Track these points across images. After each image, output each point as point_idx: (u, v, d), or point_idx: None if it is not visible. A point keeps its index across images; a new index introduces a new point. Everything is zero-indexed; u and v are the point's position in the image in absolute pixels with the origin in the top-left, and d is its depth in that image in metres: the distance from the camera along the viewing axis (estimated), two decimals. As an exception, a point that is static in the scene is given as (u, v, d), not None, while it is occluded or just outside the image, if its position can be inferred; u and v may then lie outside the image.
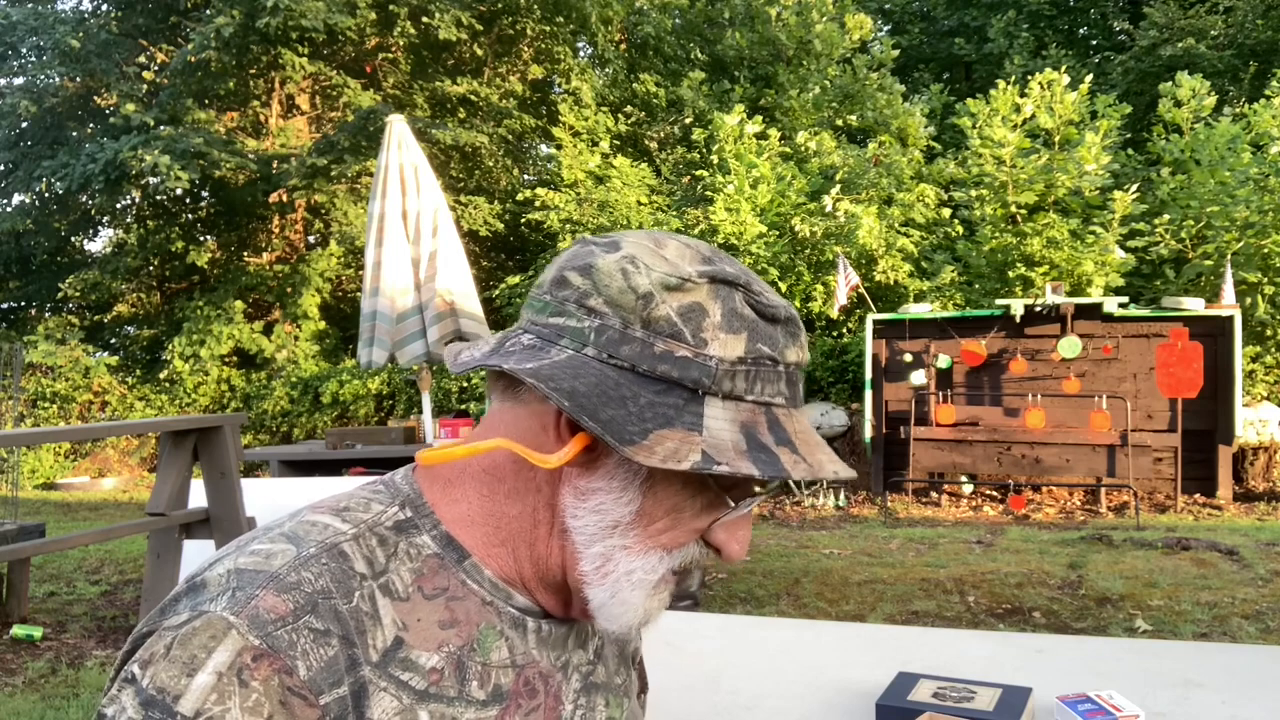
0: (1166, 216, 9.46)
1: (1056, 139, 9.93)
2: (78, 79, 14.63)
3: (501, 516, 0.72)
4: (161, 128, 12.66)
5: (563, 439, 0.69)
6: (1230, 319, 7.87)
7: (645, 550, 0.70)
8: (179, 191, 13.67)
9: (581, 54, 16.04)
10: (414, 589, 0.68)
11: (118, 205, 15.06)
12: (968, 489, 8.68)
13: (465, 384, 11.41)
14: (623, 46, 15.38)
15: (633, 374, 0.67)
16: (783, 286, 10.28)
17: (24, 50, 14.97)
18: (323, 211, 14.46)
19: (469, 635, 0.70)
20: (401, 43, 14.29)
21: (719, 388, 0.67)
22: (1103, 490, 8.06)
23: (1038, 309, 8.18)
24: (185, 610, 0.63)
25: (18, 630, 4.83)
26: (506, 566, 0.73)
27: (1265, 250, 8.77)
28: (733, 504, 0.71)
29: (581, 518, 0.70)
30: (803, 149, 11.72)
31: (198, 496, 4.30)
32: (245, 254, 15.11)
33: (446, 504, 0.73)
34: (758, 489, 0.72)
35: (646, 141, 14.43)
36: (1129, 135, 11.46)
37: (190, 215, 15.50)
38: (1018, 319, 8.24)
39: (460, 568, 0.71)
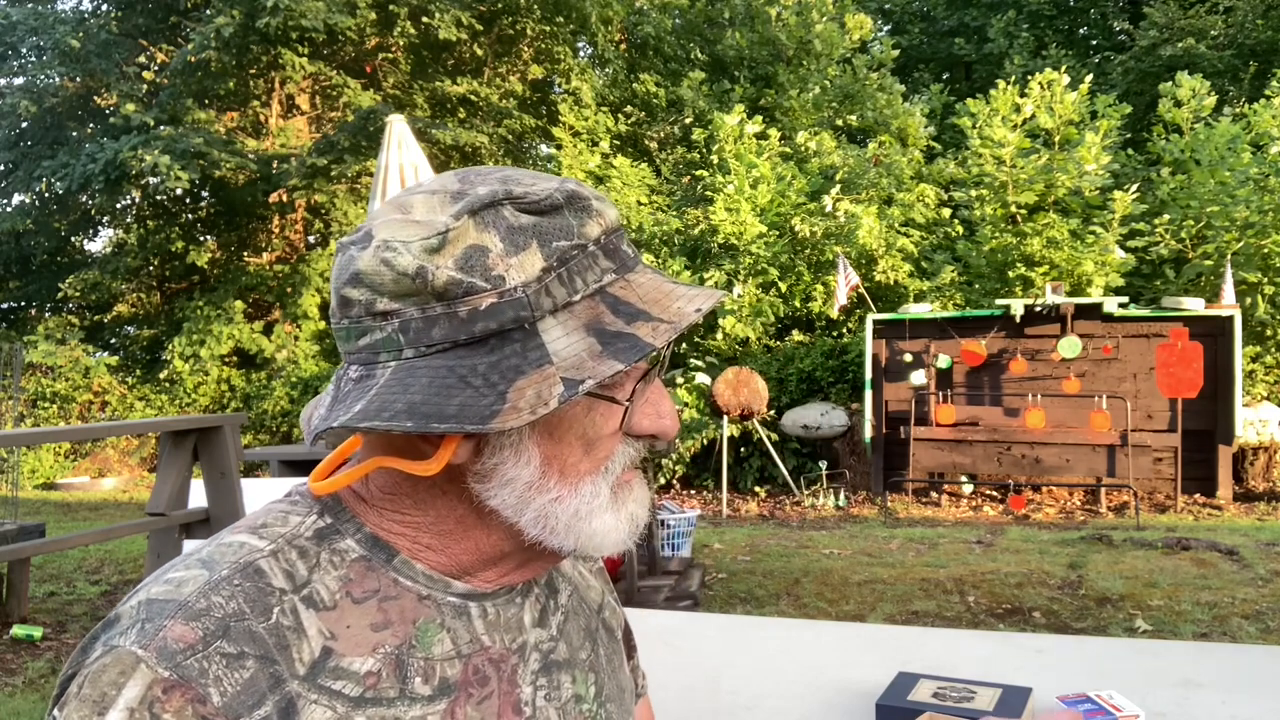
0: (1166, 216, 9.46)
1: (1056, 139, 9.93)
2: (78, 79, 14.63)
3: (419, 524, 0.69)
4: (161, 128, 12.66)
5: (434, 446, 0.65)
6: (1230, 319, 7.88)
7: (575, 488, 0.67)
8: (179, 191, 13.68)
9: (581, 54, 16.04)
10: (341, 596, 0.66)
11: (118, 205, 15.07)
12: (968, 489, 8.68)
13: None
14: (623, 46, 15.38)
15: (459, 349, 0.63)
16: (783, 286, 10.29)
17: (24, 50, 14.98)
18: (323, 211, 14.47)
19: (406, 633, 0.67)
20: (401, 43, 14.29)
21: (541, 309, 0.63)
22: (1103, 490, 8.06)
23: (1038, 309, 8.18)
24: (99, 648, 0.61)
25: (18, 630, 4.83)
26: (441, 564, 0.71)
27: (1265, 250, 8.77)
28: (625, 402, 0.67)
29: (497, 495, 0.67)
30: (803, 149, 11.72)
31: (198, 496, 4.30)
32: (245, 254, 15.11)
33: (365, 509, 0.70)
34: (643, 376, 0.69)
35: (646, 141, 14.44)
36: (1129, 135, 11.46)
37: (190, 215, 15.50)
38: (1018, 319, 8.25)
39: (390, 566, 0.69)
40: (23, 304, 15.57)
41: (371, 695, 0.64)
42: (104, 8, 15.36)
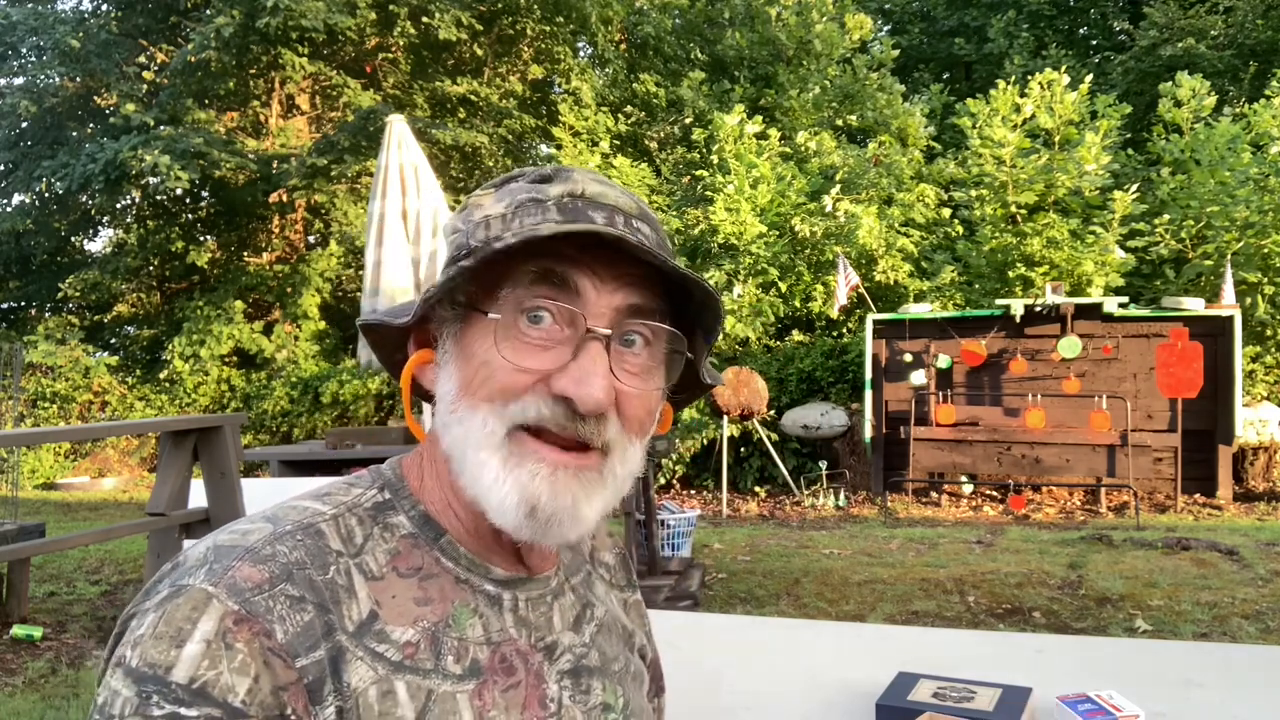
0: (1166, 216, 9.46)
1: (1056, 139, 9.93)
2: (78, 79, 14.63)
3: (436, 463, 0.75)
4: (161, 128, 12.66)
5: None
6: (1230, 319, 7.87)
7: (472, 410, 0.69)
8: (179, 191, 13.67)
9: (581, 54, 16.04)
10: (388, 569, 0.70)
11: (118, 205, 15.07)
12: (968, 489, 8.68)
13: (465, 384, 11.41)
14: (623, 46, 15.38)
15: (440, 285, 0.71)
16: (783, 286, 10.28)
17: (24, 50, 14.98)
18: (323, 211, 14.47)
19: (443, 612, 0.71)
20: (401, 43, 14.29)
21: (473, 240, 0.71)
22: (1103, 490, 8.06)
23: (1038, 309, 8.18)
24: (165, 588, 0.65)
25: (18, 630, 4.83)
26: (466, 518, 0.74)
27: (1265, 250, 8.77)
28: (492, 312, 0.69)
29: (435, 419, 0.74)
30: (803, 149, 11.72)
31: (198, 496, 4.30)
32: (245, 254, 15.11)
33: (415, 478, 0.77)
34: (537, 299, 0.69)
35: (646, 141, 14.43)
36: (1129, 135, 11.46)
37: (190, 215, 15.50)
38: (1018, 319, 8.24)
39: (436, 546, 0.73)
40: (23, 304, 15.57)
41: (409, 664, 0.68)
42: (104, 8, 15.35)
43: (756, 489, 9.27)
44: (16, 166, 14.66)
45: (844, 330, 10.41)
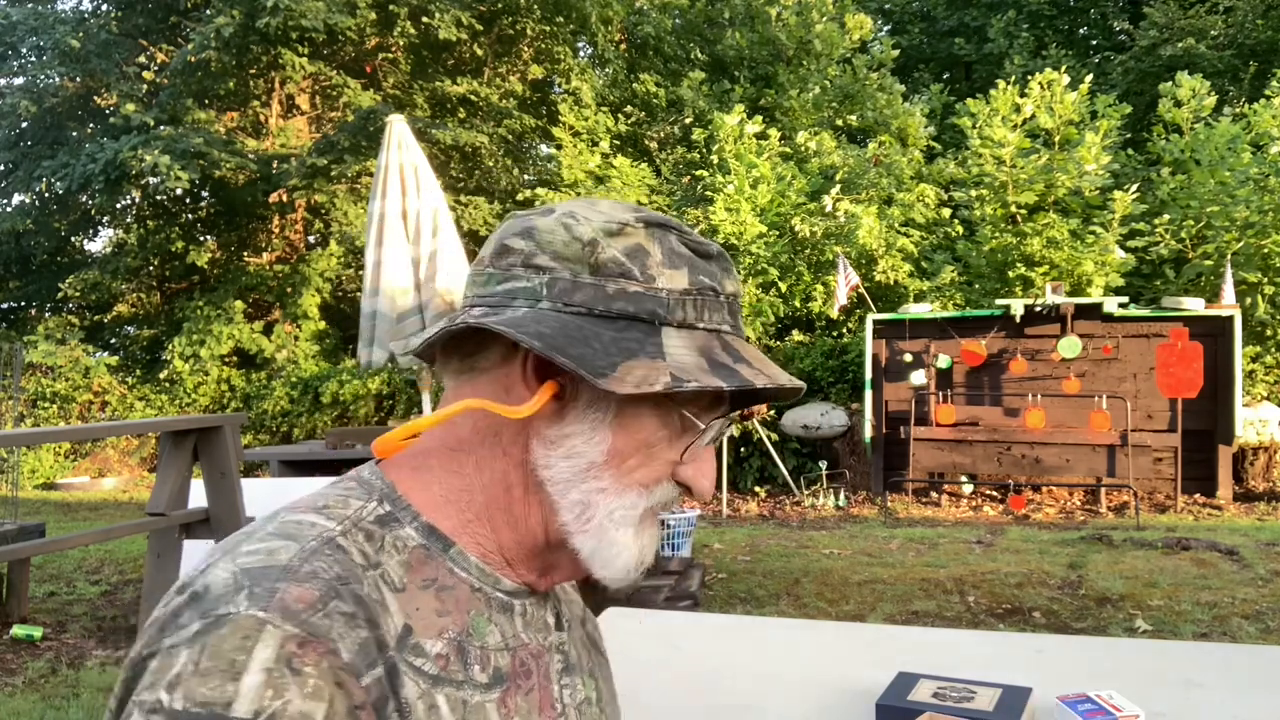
0: (1166, 216, 9.45)
1: (1056, 139, 9.93)
2: (78, 79, 14.63)
3: (473, 489, 0.74)
4: (161, 128, 12.66)
5: (530, 391, 0.71)
6: (1230, 319, 7.87)
7: (622, 490, 0.72)
8: (179, 191, 13.67)
9: (581, 54, 16.04)
10: (408, 581, 0.69)
11: (118, 205, 15.06)
12: (968, 489, 8.68)
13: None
14: (623, 46, 15.38)
15: (591, 317, 0.70)
16: (783, 286, 10.28)
17: (24, 50, 14.98)
18: (323, 211, 14.47)
19: (463, 622, 0.70)
20: (401, 43, 14.29)
21: (673, 317, 0.71)
22: (1103, 490, 8.06)
23: (1038, 309, 8.18)
24: (194, 621, 0.60)
25: (18, 630, 4.83)
26: (487, 541, 0.74)
27: (1265, 250, 8.77)
28: (701, 425, 0.73)
29: (554, 466, 0.72)
30: (803, 149, 11.72)
31: (198, 496, 4.30)
32: (245, 254, 15.11)
33: (419, 491, 0.73)
34: (716, 418, 0.75)
35: (646, 141, 14.43)
36: (1129, 135, 11.46)
37: (190, 215, 15.50)
38: (1018, 319, 8.24)
39: (446, 556, 0.72)
40: (23, 304, 15.57)
41: (445, 676, 0.67)
42: (104, 8, 15.36)
43: (756, 489, 9.27)
44: (16, 166, 14.66)
45: (844, 330, 10.41)
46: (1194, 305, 7.98)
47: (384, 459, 0.76)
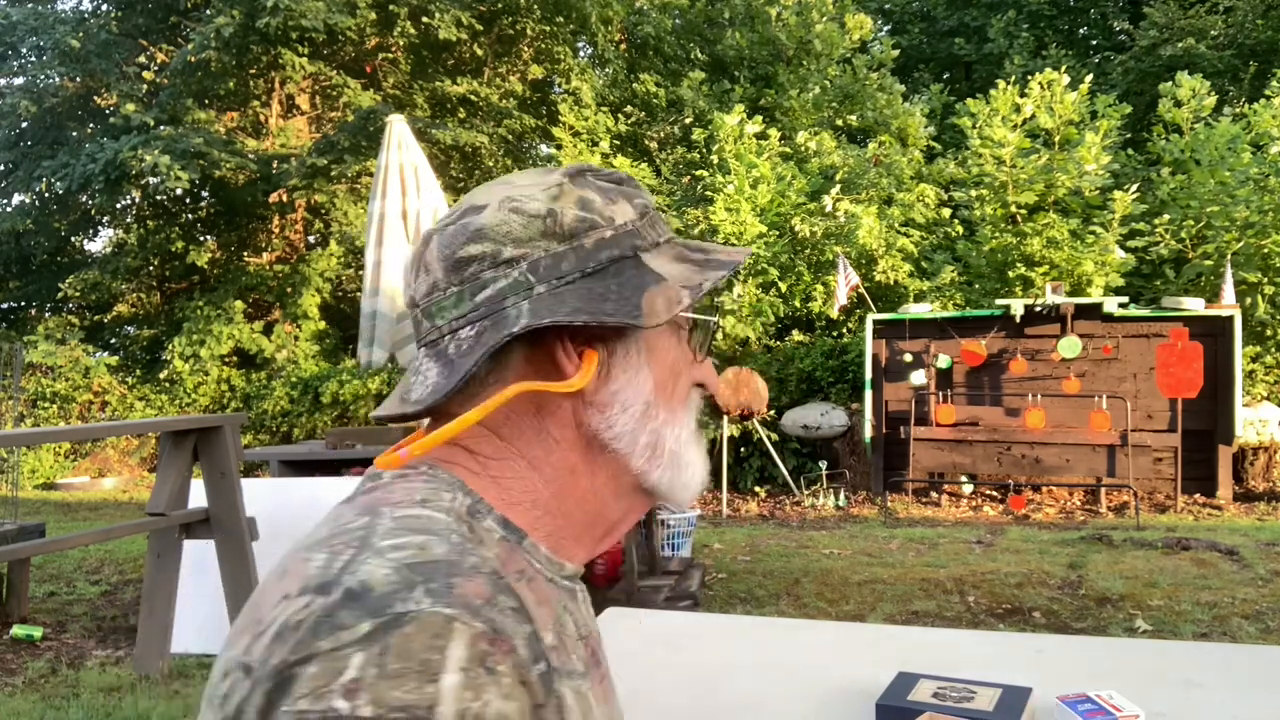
0: (1166, 216, 9.46)
1: (1056, 139, 9.93)
2: (78, 79, 14.63)
3: (535, 489, 0.72)
4: (161, 128, 12.66)
5: (574, 368, 0.71)
6: (1230, 319, 7.87)
7: (674, 414, 0.77)
8: (179, 191, 13.67)
9: (581, 54, 16.04)
10: (509, 573, 0.66)
11: (118, 205, 15.06)
12: (968, 489, 8.68)
13: (465, 384, 11.40)
14: (623, 46, 15.38)
15: (586, 277, 0.71)
16: (783, 286, 10.28)
17: (24, 50, 14.97)
18: (323, 211, 14.47)
19: (553, 612, 0.68)
20: (401, 43, 14.29)
21: (646, 242, 0.75)
22: (1103, 490, 8.06)
23: (1038, 309, 8.18)
24: (363, 621, 0.55)
25: (18, 630, 4.84)
26: (555, 529, 0.73)
27: (1265, 250, 8.77)
28: (713, 319, 0.81)
29: (616, 424, 0.74)
30: (803, 149, 11.72)
31: (198, 496, 4.30)
32: (245, 254, 15.11)
33: (505, 488, 0.71)
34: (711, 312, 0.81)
35: (646, 141, 14.43)
36: (1129, 135, 11.46)
37: (190, 215, 15.50)
38: (1018, 319, 8.24)
39: (521, 548, 0.70)
40: (23, 304, 15.56)
41: (562, 668, 0.65)
42: (104, 8, 15.35)
43: (756, 489, 9.27)
44: (16, 166, 14.65)
45: (844, 330, 10.41)
46: (1194, 305, 7.98)
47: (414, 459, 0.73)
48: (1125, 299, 8.30)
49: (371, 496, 0.68)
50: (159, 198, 15.00)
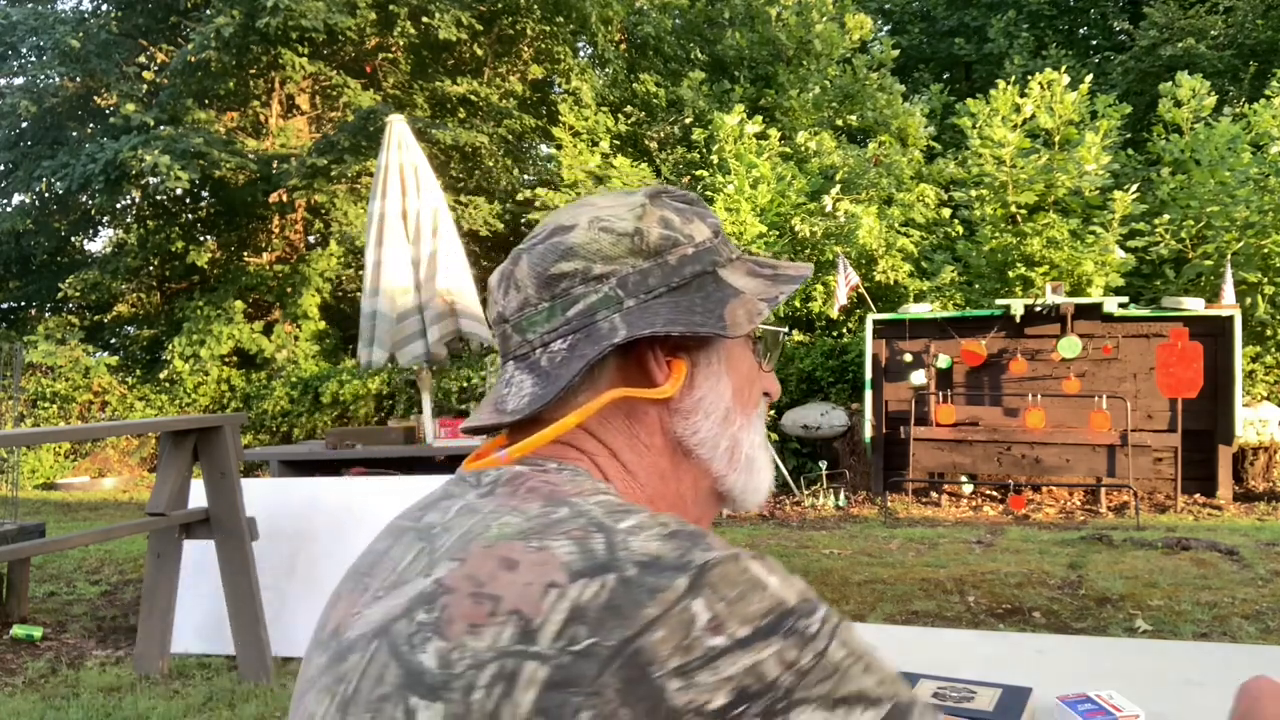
0: (1166, 216, 9.45)
1: (1056, 139, 9.92)
2: (78, 79, 14.62)
3: (634, 493, 0.77)
4: (161, 128, 12.65)
5: (659, 382, 0.76)
6: (1230, 319, 7.87)
7: (749, 420, 0.82)
8: (179, 191, 13.66)
9: (581, 54, 16.04)
10: None
11: (118, 205, 15.05)
12: (968, 489, 8.68)
13: (465, 384, 11.41)
14: (623, 46, 15.37)
15: (671, 292, 0.76)
16: (783, 286, 10.28)
17: (24, 50, 14.96)
18: (323, 211, 14.46)
19: None
20: (401, 43, 14.29)
21: (722, 258, 0.80)
22: (1103, 490, 8.06)
23: (1038, 309, 8.18)
24: (677, 579, 0.59)
25: (18, 630, 4.84)
26: None
27: (1265, 250, 8.76)
28: (782, 330, 0.87)
29: (700, 429, 0.78)
30: (803, 149, 11.72)
31: (198, 496, 4.30)
32: (245, 254, 15.10)
33: (617, 487, 0.76)
34: (776, 328, 0.87)
35: (646, 141, 14.43)
36: (1129, 135, 11.45)
37: (190, 215, 15.49)
38: (1018, 319, 8.24)
39: None
40: (23, 304, 15.56)
41: None
42: (104, 8, 15.35)
43: (756, 489, 9.26)
44: (16, 166, 14.64)
45: (844, 330, 10.41)
46: (1194, 305, 7.98)
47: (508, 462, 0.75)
48: (1125, 299, 8.30)
49: (530, 489, 0.70)
50: (159, 198, 14.99)
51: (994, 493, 8.58)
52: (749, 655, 0.57)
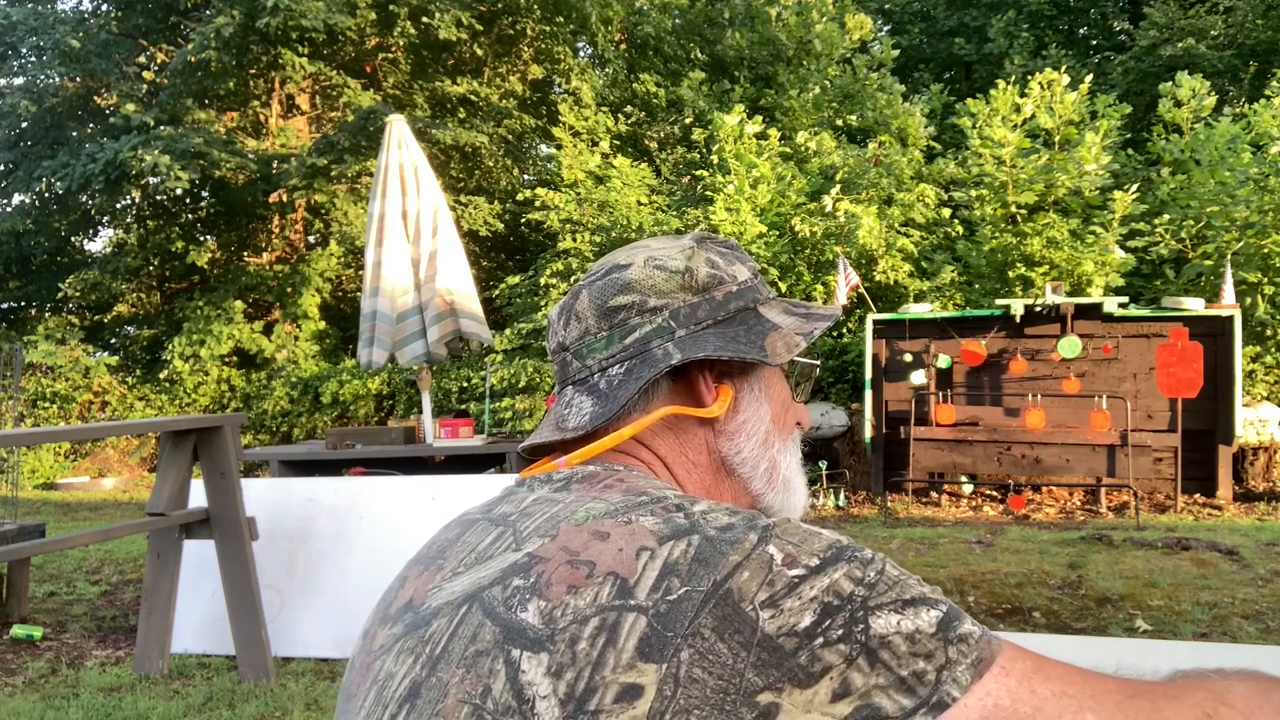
0: (1166, 216, 9.45)
1: (1056, 139, 9.92)
2: (78, 79, 14.62)
3: (705, 483, 0.87)
4: (161, 128, 12.64)
5: (707, 403, 0.85)
6: (1230, 319, 7.87)
7: (786, 442, 0.91)
8: (179, 191, 13.66)
9: (581, 54, 16.03)
10: None
11: (118, 205, 15.05)
12: (968, 489, 8.67)
13: (465, 384, 11.41)
14: (623, 46, 15.36)
15: (717, 324, 0.85)
16: (783, 286, 10.28)
17: (24, 50, 14.95)
18: (323, 211, 14.46)
19: None
20: (401, 43, 14.28)
21: (762, 296, 0.89)
22: (1103, 490, 8.06)
23: (1038, 309, 8.18)
24: (749, 534, 0.68)
25: (18, 630, 4.83)
26: None
27: (1265, 250, 8.76)
28: (816, 363, 0.95)
29: (743, 450, 0.87)
30: (803, 149, 11.71)
31: (198, 496, 4.29)
32: (245, 254, 15.10)
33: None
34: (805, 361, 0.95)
35: (646, 141, 14.43)
36: (1129, 135, 11.45)
37: (190, 215, 15.49)
38: (1018, 319, 8.24)
39: None
40: (23, 304, 15.55)
41: None
42: (104, 8, 15.34)
43: (756, 489, 9.25)
44: (16, 166, 14.64)
45: (844, 330, 10.40)
46: (1194, 305, 7.97)
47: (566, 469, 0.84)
48: (1125, 299, 8.29)
49: (607, 484, 0.77)
50: (159, 198, 14.99)
51: (994, 493, 8.58)
52: (824, 578, 0.66)
